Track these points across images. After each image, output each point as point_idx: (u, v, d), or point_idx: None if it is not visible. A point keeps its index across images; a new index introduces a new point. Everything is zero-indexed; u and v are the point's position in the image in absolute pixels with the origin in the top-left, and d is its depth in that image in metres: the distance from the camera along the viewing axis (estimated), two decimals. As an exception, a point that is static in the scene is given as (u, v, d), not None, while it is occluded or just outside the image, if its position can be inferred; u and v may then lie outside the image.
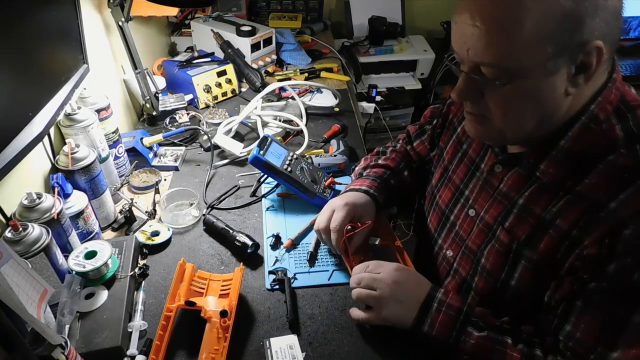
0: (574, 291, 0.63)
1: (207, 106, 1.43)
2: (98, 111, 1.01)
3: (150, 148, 1.22)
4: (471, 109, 0.69)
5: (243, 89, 1.59)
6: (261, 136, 1.16)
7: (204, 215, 1.02)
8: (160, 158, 1.23)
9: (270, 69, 1.70)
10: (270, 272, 0.90)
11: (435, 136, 0.99)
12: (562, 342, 0.64)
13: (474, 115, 0.70)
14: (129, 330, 0.77)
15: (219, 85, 1.49)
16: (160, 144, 1.26)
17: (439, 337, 0.71)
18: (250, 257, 0.93)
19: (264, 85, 1.51)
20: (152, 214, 1.04)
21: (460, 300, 0.73)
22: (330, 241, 0.89)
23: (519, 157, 0.73)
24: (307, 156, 1.18)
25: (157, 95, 1.33)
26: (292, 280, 0.88)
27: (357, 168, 1.09)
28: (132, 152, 1.17)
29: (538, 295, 0.69)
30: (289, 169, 1.04)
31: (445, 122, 0.96)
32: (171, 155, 1.24)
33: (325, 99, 1.52)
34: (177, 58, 1.66)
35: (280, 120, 1.34)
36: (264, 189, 1.12)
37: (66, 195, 0.86)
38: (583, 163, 0.64)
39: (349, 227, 0.87)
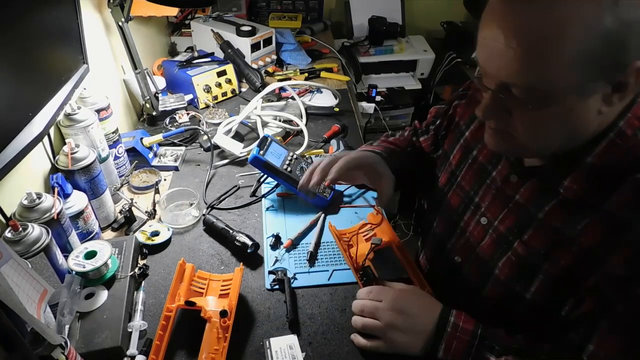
0: (597, 310, 0.62)
1: (207, 106, 1.44)
2: (98, 111, 1.01)
3: (150, 148, 1.22)
4: (495, 125, 0.66)
5: (243, 89, 1.59)
6: (261, 136, 1.16)
7: (204, 215, 1.02)
8: (160, 158, 1.23)
9: (270, 69, 1.70)
10: (270, 272, 0.90)
11: (440, 138, 0.97)
12: None
13: (497, 131, 0.67)
14: (129, 330, 0.77)
15: (219, 85, 1.49)
16: (160, 144, 1.26)
17: None
18: (250, 257, 0.93)
19: (264, 85, 1.51)
20: (152, 214, 1.04)
21: (473, 323, 0.71)
22: (323, 172, 0.86)
23: (536, 170, 0.71)
24: (307, 156, 1.18)
25: (157, 95, 1.33)
26: (292, 280, 0.88)
27: None
28: (132, 152, 1.17)
29: (552, 308, 0.68)
30: (289, 169, 1.04)
31: (450, 125, 0.93)
32: (171, 155, 1.24)
33: (325, 99, 1.52)
34: (177, 58, 1.66)
35: (280, 120, 1.34)
36: (264, 189, 1.12)
37: (66, 195, 0.86)
38: (607, 179, 0.62)
39: (375, 240, 0.87)
